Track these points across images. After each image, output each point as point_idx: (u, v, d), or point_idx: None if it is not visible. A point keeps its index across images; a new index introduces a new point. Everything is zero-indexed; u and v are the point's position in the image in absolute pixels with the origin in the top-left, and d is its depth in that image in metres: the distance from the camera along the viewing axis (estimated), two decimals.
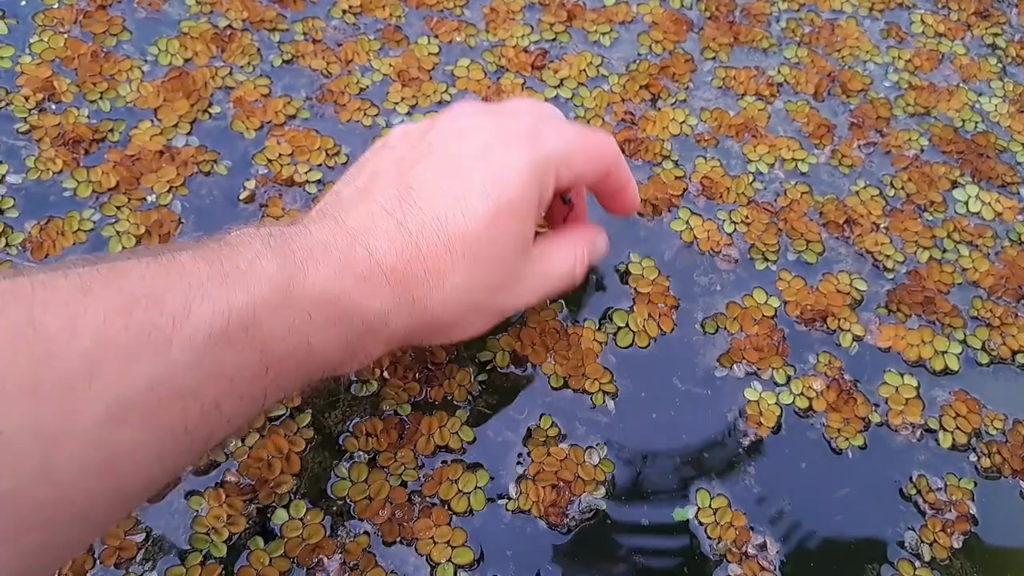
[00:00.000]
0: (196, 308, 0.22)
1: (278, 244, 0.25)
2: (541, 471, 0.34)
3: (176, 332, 0.22)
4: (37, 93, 0.42)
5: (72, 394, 0.20)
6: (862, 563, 0.33)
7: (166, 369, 0.21)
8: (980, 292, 0.41)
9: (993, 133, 0.47)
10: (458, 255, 0.28)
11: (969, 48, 0.51)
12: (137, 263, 0.23)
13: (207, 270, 0.23)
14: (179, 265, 0.23)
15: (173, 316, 0.22)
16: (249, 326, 0.23)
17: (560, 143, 0.31)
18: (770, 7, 0.51)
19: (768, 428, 0.36)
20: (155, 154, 0.41)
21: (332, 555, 0.32)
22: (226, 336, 0.23)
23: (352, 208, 0.28)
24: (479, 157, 0.29)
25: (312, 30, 0.46)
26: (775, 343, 0.38)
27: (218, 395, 0.23)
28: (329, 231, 0.27)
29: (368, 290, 0.27)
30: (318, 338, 0.26)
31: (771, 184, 0.44)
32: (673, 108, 0.46)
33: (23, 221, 0.38)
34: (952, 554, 0.34)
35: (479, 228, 0.28)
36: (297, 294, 0.25)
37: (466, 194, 0.28)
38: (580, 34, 0.48)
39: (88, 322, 0.20)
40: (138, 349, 0.21)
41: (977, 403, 0.37)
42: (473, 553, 0.32)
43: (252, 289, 0.24)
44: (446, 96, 0.45)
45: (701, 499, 0.34)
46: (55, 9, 0.45)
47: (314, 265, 0.25)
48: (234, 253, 0.24)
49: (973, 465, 0.36)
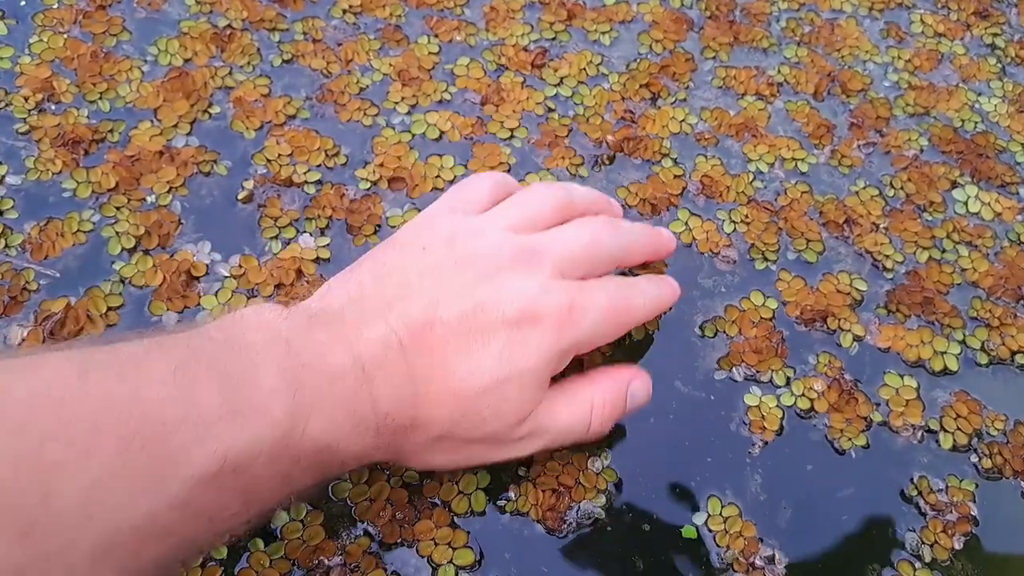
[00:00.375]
0: (198, 448, 0.22)
1: (293, 376, 0.25)
2: (542, 474, 0.34)
3: (173, 472, 0.21)
4: (37, 93, 0.41)
5: (62, 537, 0.19)
6: (864, 564, 0.33)
7: (156, 510, 0.21)
8: (979, 292, 0.41)
9: (992, 133, 0.47)
10: (448, 411, 0.28)
11: (969, 48, 0.51)
12: (158, 378, 0.22)
13: (219, 402, 0.23)
14: (196, 388, 0.22)
15: (175, 456, 0.21)
16: (241, 472, 0.23)
17: (590, 328, 0.30)
18: (770, 7, 0.51)
19: (772, 432, 0.36)
20: (155, 154, 0.41)
21: (333, 557, 0.32)
22: (217, 480, 0.22)
23: (371, 334, 0.27)
24: (508, 326, 0.28)
25: (312, 30, 0.46)
26: (774, 345, 0.38)
27: (196, 532, 0.23)
28: (343, 357, 0.26)
29: (356, 436, 0.26)
30: (297, 477, 0.26)
31: (771, 183, 0.44)
32: (673, 107, 0.46)
33: (22, 222, 0.38)
34: (953, 555, 0.34)
35: (479, 392, 0.28)
36: (294, 443, 0.24)
37: (480, 357, 0.28)
38: (580, 33, 0.48)
39: (95, 457, 0.20)
40: (134, 490, 0.21)
41: (978, 404, 0.37)
42: (474, 554, 0.32)
43: (255, 435, 0.23)
44: (446, 95, 0.45)
45: (712, 506, 0.34)
46: (55, 9, 0.44)
47: (318, 410, 0.25)
48: (251, 384, 0.24)
49: (974, 466, 0.36)
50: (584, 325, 0.30)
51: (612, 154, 0.44)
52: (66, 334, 0.35)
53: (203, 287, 0.37)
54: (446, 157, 0.42)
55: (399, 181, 0.42)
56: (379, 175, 0.42)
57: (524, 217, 0.32)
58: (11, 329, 0.35)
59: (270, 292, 0.37)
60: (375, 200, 0.41)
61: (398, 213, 0.41)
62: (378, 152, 0.42)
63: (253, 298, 0.37)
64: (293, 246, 0.39)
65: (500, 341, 0.28)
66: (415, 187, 0.41)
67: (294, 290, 0.38)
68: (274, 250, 0.39)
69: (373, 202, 0.41)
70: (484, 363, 0.28)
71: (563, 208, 0.33)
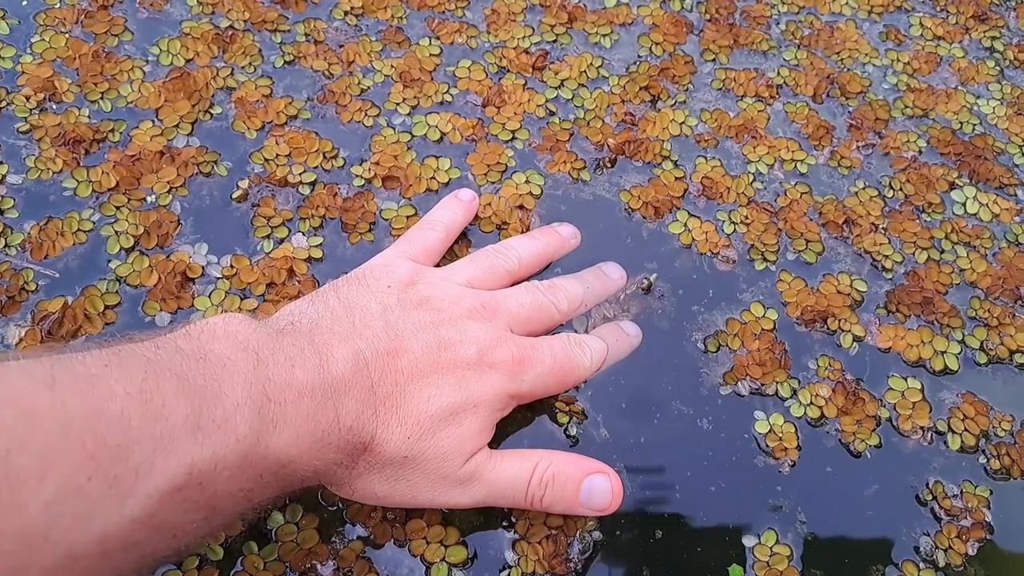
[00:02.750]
0: (160, 463, 0.22)
1: (259, 391, 0.25)
2: (530, 527, 0.33)
3: (135, 487, 0.21)
4: (38, 93, 0.42)
5: (27, 549, 0.19)
6: (878, 566, 0.33)
7: (118, 524, 0.21)
8: (978, 292, 0.41)
9: (991, 135, 0.47)
10: (404, 432, 0.29)
11: (967, 51, 0.51)
12: (122, 390, 0.22)
13: (184, 417, 0.23)
14: (159, 403, 0.22)
15: (137, 469, 0.21)
16: (205, 486, 0.23)
17: (533, 379, 0.32)
18: (770, 10, 0.51)
19: (794, 448, 0.36)
20: (155, 154, 0.40)
21: (326, 561, 0.32)
22: (179, 493, 0.22)
23: (340, 345, 0.29)
24: (467, 364, 0.31)
25: (314, 31, 0.46)
26: (777, 357, 0.38)
27: (158, 545, 0.23)
28: (311, 373, 0.27)
29: (319, 452, 0.27)
30: (259, 492, 0.26)
31: (771, 184, 0.44)
32: (673, 109, 0.46)
33: (23, 221, 0.38)
34: (967, 561, 0.34)
35: (434, 417, 0.29)
36: (259, 458, 0.25)
37: (440, 386, 0.30)
38: (581, 35, 0.49)
39: (57, 471, 0.20)
40: (97, 503, 0.20)
41: (985, 405, 0.37)
42: (467, 551, 0.32)
43: (219, 450, 0.23)
44: (447, 97, 0.45)
45: (758, 547, 0.33)
46: (56, 9, 0.45)
47: (283, 425, 0.25)
48: (215, 399, 0.24)
49: (982, 467, 0.36)
50: (528, 378, 0.32)
51: (613, 157, 0.44)
52: (64, 333, 0.35)
53: (197, 288, 0.37)
54: (443, 159, 0.42)
55: (393, 180, 0.42)
56: (374, 173, 0.42)
57: (477, 278, 0.36)
58: (9, 329, 0.35)
59: (262, 291, 0.37)
60: (368, 197, 0.41)
61: (392, 207, 0.41)
62: (375, 150, 0.42)
63: (246, 299, 0.37)
64: (285, 245, 0.39)
65: (458, 377, 0.31)
66: (409, 187, 0.41)
67: (285, 290, 0.38)
68: (266, 249, 0.39)
69: (367, 199, 0.41)
70: (443, 391, 0.30)
71: (512, 274, 0.37)
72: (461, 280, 0.35)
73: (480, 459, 0.31)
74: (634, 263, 0.40)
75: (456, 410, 0.30)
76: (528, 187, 0.42)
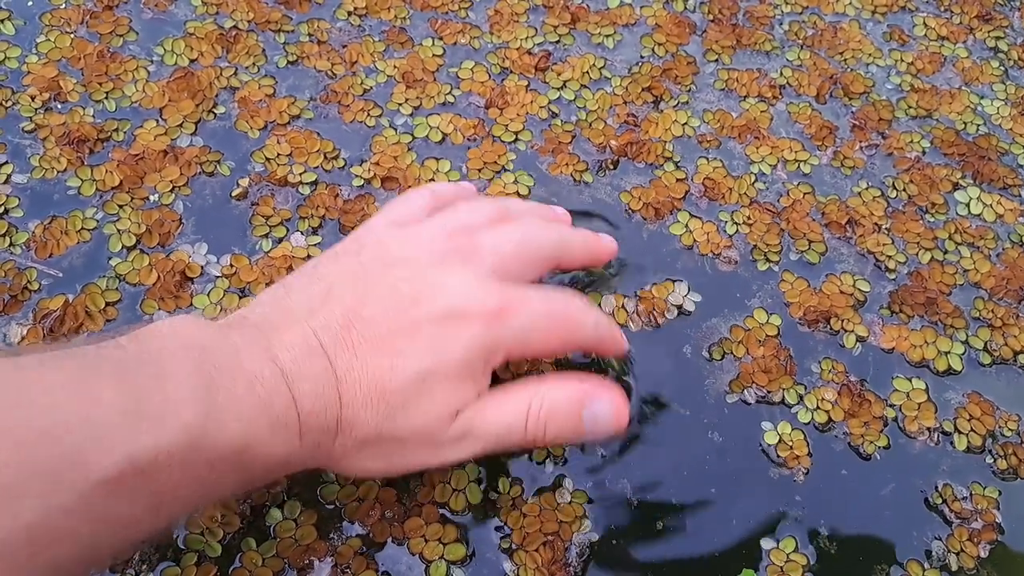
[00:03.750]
0: (95, 452, 0.21)
1: (207, 379, 0.24)
2: (525, 536, 0.32)
3: (66, 475, 0.20)
4: (43, 92, 0.42)
5: None
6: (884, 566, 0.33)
7: (47, 513, 0.20)
8: (982, 293, 0.41)
9: (995, 136, 0.47)
10: (373, 410, 0.27)
11: (971, 51, 0.51)
12: (55, 381, 0.21)
13: (122, 404, 0.22)
14: (95, 392, 0.22)
15: (70, 459, 0.20)
16: (149, 476, 0.22)
17: (520, 327, 0.29)
18: (773, 10, 0.51)
19: (805, 456, 0.35)
20: (159, 154, 0.41)
21: (324, 557, 0.32)
22: (119, 484, 0.21)
23: (291, 339, 0.27)
24: (432, 320, 0.28)
25: (317, 31, 0.47)
26: (782, 363, 0.37)
27: (97, 537, 0.22)
28: (260, 360, 0.26)
29: (277, 438, 0.25)
30: (215, 484, 0.25)
31: (773, 185, 0.44)
32: (675, 110, 0.46)
33: (27, 220, 0.38)
34: (979, 563, 0.33)
35: (403, 389, 0.27)
36: (208, 445, 0.23)
37: (403, 352, 0.27)
38: (583, 36, 0.49)
39: None
40: (23, 491, 0.20)
41: (991, 405, 0.37)
42: (465, 549, 0.32)
43: (161, 438, 0.22)
44: (450, 97, 0.45)
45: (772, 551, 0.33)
46: (62, 9, 0.45)
47: (235, 412, 0.24)
48: (158, 385, 0.23)
49: (989, 467, 0.36)
50: (515, 324, 0.28)
51: (615, 159, 0.44)
52: (65, 331, 0.35)
53: (196, 287, 0.37)
54: (443, 161, 0.42)
55: (392, 181, 0.42)
56: (373, 173, 0.42)
57: (460, 223, 0.31)
58: (10, 327, 0.35)
59: (261, 291, 0.37)
60: (369, 200, 0.41)
61: None
62: (376, 151, 0.42)
63: (245, 297, 0.37)
64: (284, 245, 0.39)
65: (424, 337, 0.27)
66: (407, 188, 0.41)
67: None
68: (265, 248, 0.39)
69: (367, 202, 0.41)
70: (408, 358, 0.27)
71: (499, 219, 0.32)
72: (437, 229, 0.31)
73: (468, 415, 0.28)
74: (635, 263, 0.40)
75: (425, 375, 0.27)
76: (516, 187, 0.42)
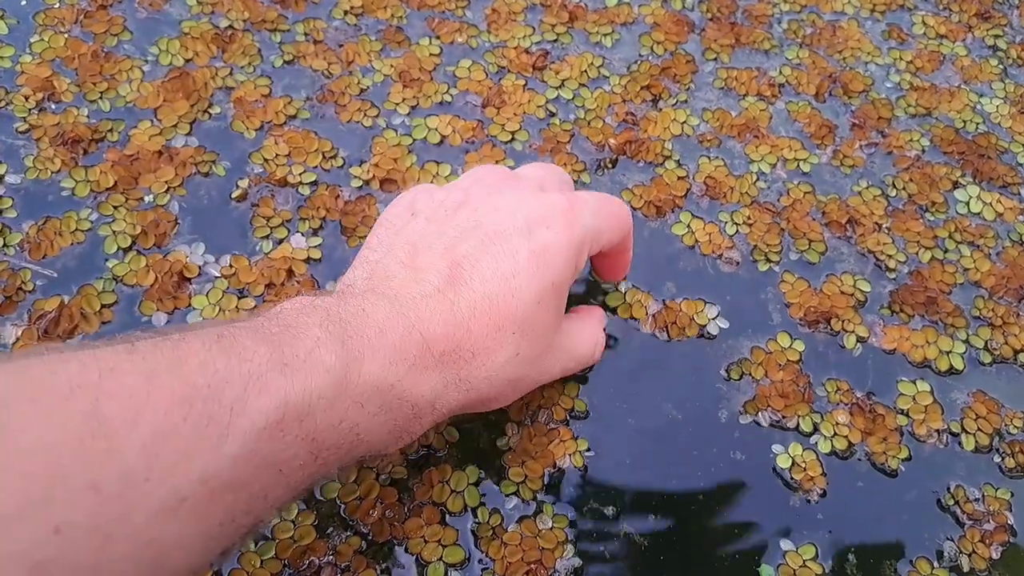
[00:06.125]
0: (254, 399, 0.22)
1: (336, 330, 0.25)
2: (507, 567, 0.32)
3: (232, 424, 0.22)
4: (37, 92, 0.41)
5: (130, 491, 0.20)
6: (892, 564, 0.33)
7: (219, 462, 0.21)
8: (982, 292, 0.41)
9: (994, 134, 0.47)
10: (507, 333, 0.28)
11: (970, 49, 0.51)
12: (201, 345, 0.22)
13: (267, 357, 0.23)
14: (240, 349, 0.23)
15: (231, 407, 0.22)
16: (304, 418, 0.23)
17: (592, 219, 0.31)
18: (772, 9, 0.51)
19: (820, 476, 0.35)
20: (154, 154, 0.40)
21: (323, 556, 0.31)
22: (280, 428, 0.23)
23: (405, 288, 0.29)
24: (523, 235, 0.29)
25: (313, 31, 0.46)
26: (800, 390, 0.37)
27: (266, 485, 0.23)
28: (385, 314, 0.27)
29: (419, 376, 0.27)
30: (367, 426, 0.26)
31: (774, 184, 0.44)
32: (674, 109, 0.46)
33: (21, 221, 0.38)
34: (991, 565, 0.33)
35: (527, 308, 0.29)
36: (352, 385, 0.25)
37: (516, 274, 0.29)
38: (581, 35, 0.48)
39: (149, 415, 0.20)
40: (195, 442, 0.21)
41: (996, 403, 0.37)
42: (464, 552, 0.32)
43: (310, 381, 0.23)
44: (447, 97, 0.45)
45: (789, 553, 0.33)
46: (56, 9, 0.44)
47: (371, 354, 0.26)
48: (294, 339, 0.24)
49: (998, 466, 0.36)
50: (586, 216, 0.31)
51: (615, 157, 0.44)
52: (60, 332, 0.35)
53: (194, 288, 0.37)
54: (443, 165, 0.42)
55: (391, 183, 0.41)
56: (372, 174, 0.41)
57: (488, 176, 0.34)
58: (5, 328, 0.35)
59: (260, 292, 0.37)
60: (370, 202, 0.40)
61: None
62: (376, 152, 0.42)
63: (244, 298, 0.37)
64: (284, 246, 0.39)
65: (525, 254, 0.29)
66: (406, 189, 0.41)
67: (284, 290, 0.37)
68: (265, 250, 0.39)
69: (368, 204, 0.40)
70: (521, 282, 0.29)
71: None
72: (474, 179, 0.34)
73: (567, 327, 0.32)
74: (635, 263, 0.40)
75: (540, 291, 0.29)
76: None
